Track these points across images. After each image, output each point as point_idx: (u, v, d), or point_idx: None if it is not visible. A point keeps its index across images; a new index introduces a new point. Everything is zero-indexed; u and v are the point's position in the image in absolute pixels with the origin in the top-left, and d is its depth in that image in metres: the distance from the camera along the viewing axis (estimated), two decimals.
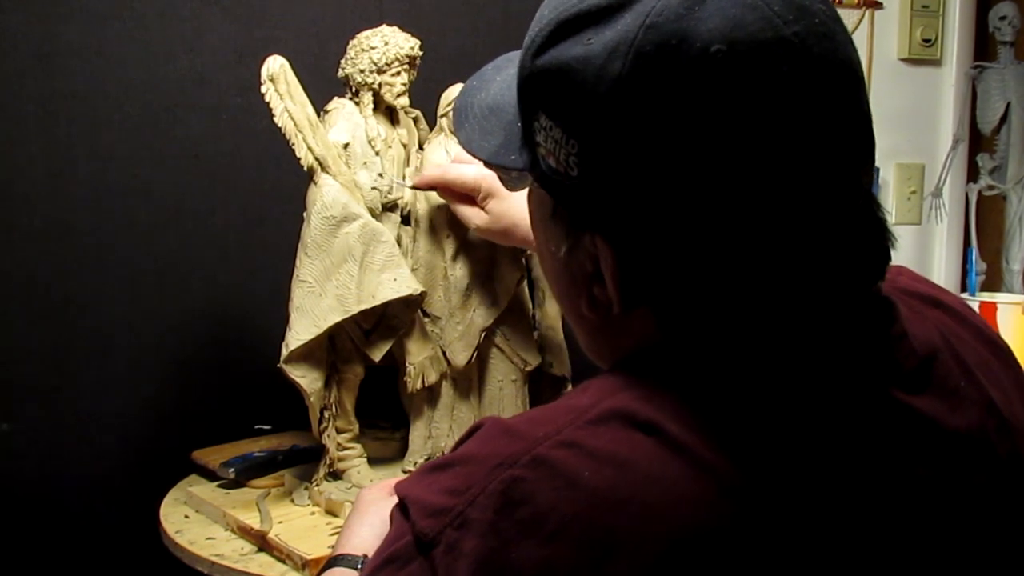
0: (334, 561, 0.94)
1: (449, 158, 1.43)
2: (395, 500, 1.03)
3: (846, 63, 0.57)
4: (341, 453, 1.42)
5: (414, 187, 1.37)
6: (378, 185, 1.32)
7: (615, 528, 0.52)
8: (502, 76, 0.72)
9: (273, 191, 1.67)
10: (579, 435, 0.55)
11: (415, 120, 1.50)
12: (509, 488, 0.53)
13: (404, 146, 1.45)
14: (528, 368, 1.49)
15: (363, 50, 1.38)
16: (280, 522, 1.31)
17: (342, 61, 1.41)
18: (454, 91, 1.45)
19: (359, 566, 0.93)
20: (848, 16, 2.24)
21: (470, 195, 1.29)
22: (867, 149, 0.59)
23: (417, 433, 1.48)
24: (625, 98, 0.55)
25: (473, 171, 1.26)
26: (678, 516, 0.52)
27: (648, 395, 0.57)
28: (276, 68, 1.28)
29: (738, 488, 0.53)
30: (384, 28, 1.41)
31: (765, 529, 0.53)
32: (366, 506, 1.02)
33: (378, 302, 1.32)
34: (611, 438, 0.55)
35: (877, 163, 0.93)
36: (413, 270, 1.40)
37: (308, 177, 1.33)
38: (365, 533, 0.97)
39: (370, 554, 0.94)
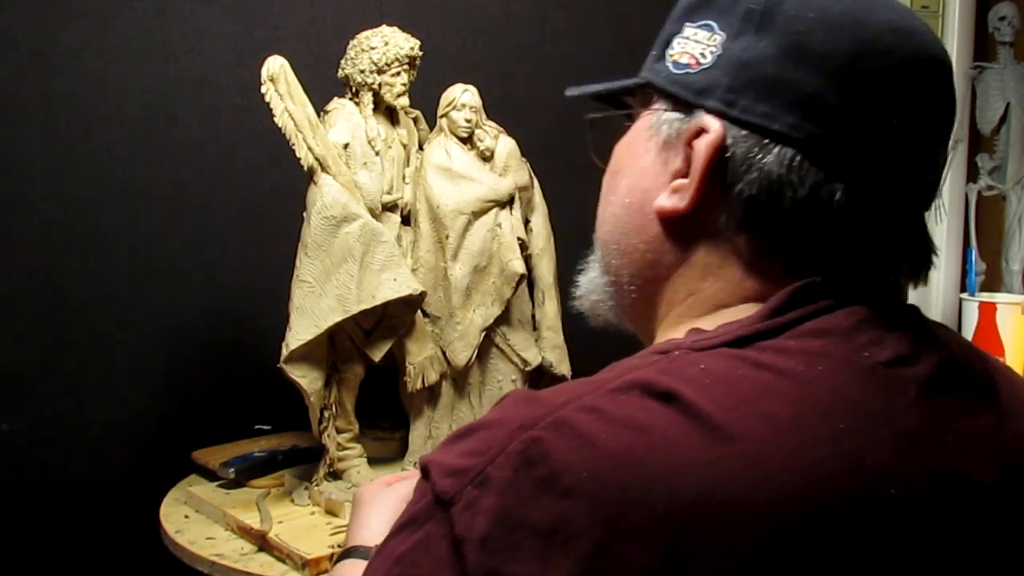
0: (347, 553, 0.94)
1: (449, 158, 1.43)
2: (395, 490, 1.04)
3: (940, 56, 0.66)
4: (341, 453, 1.42)
5: None
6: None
7: (627, 487, 0.53)
8: (586, 88, 0.82)
9: (273, 191, 1.67)
10: (600, 402, 0.57)
11: (415, 120, 1.50)
12: (528, 448, 0.55)
13: (404, 146, 1.45)
14: (528, 368, 1.49)
15: (363, 50, 1.38)
16: (280, 522, 1.31)
17: (342, 61, 1.41)
18: (454, 91, 1.45)
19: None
20: None
21: None
22: (950, 128, 0.67)
23: (417, 433, 1.48)
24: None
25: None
26: (691, 480, 0.53)
27: (671, 369, 0.59)
28: (276, 68, 1.28)
29: (756, 458, 0.54)
30: (384, 28, 1.41)
31: (779, 499, 0.54)
32: (370, 498, 1.02)
33: (378, 302, 1.32)
34: (630, 405, 0.56)
35: None
36: (413, 270, 1.40)
37: (308, 177, 1.33)
38: (375, 523, 0.98)
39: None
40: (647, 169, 0.69)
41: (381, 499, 1.00)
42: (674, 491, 0.53)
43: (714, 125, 0.64)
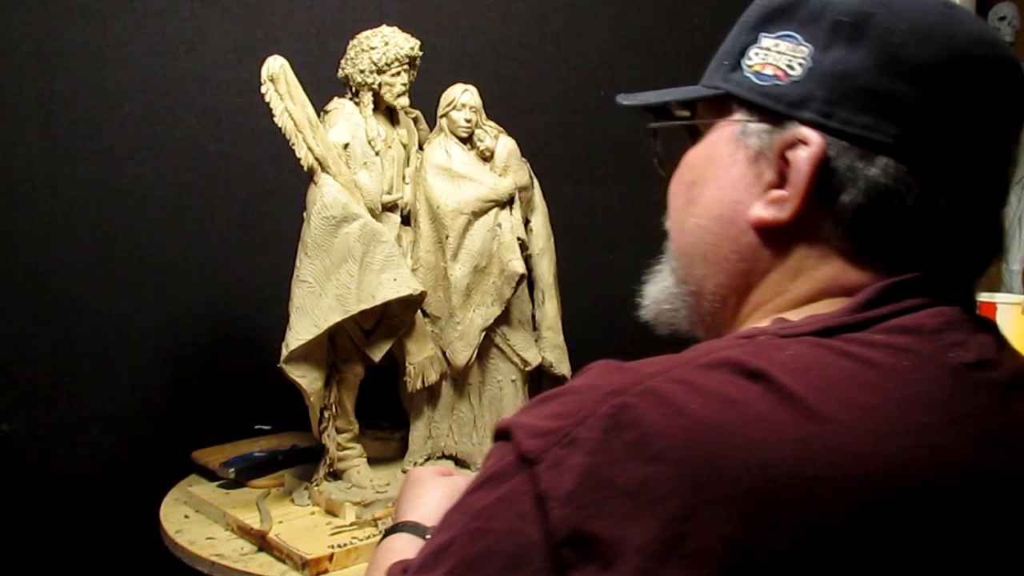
0: (399, 528, 0.95)
1: (449, 158, 1.43)
2: (454, 480, 1.04)
3: (1017, 62, 0.68)
4: (341, 453, 1.42)
5: None
6: None
7: (717, 456, 0.54)
8: (646, 95, 0.81)
9: (273, 191, 1.67)
10: (690, 375, 0.58)
11: (415, 120, 1.50)
12: (618, 412, 0.56)
13: (404, 146, 1.45)
14: (528, 368, 1.49)
15: (363, 50, 1.38)
16: (280, 522, 1.31)
17: (342, 61, 1.41)
18: (454, 91, 1.45)
19: (427, 536, 0.93)
20: None
21: None
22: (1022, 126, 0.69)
23: (417, 433, 1.48)
24: (865, 9, 0.65)
25: None
26: (781, 454, 0.55)
27: (758, 351, 0.60)
28: (276, 68, 1.28)
29: (844, 441, 0.56)
30: (384, 28, 1.41)
31: (864, 483, 0.55)
32: (428, 480, 1.03)
33: (378, 302, 1.32)
34: (720, 380, 0.58)
35: None
36: (413, 270, 1.40)
37: (308, 177, 1.33)
38: (431, 503, 0.99)
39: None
40: (736, 181, 0.69)
41: (440, 484, 1.01)
42: (764, 464, 0.54)
43: (813, 137, 0.64)
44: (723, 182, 0.70)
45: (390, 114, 1.44)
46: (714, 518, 0.53)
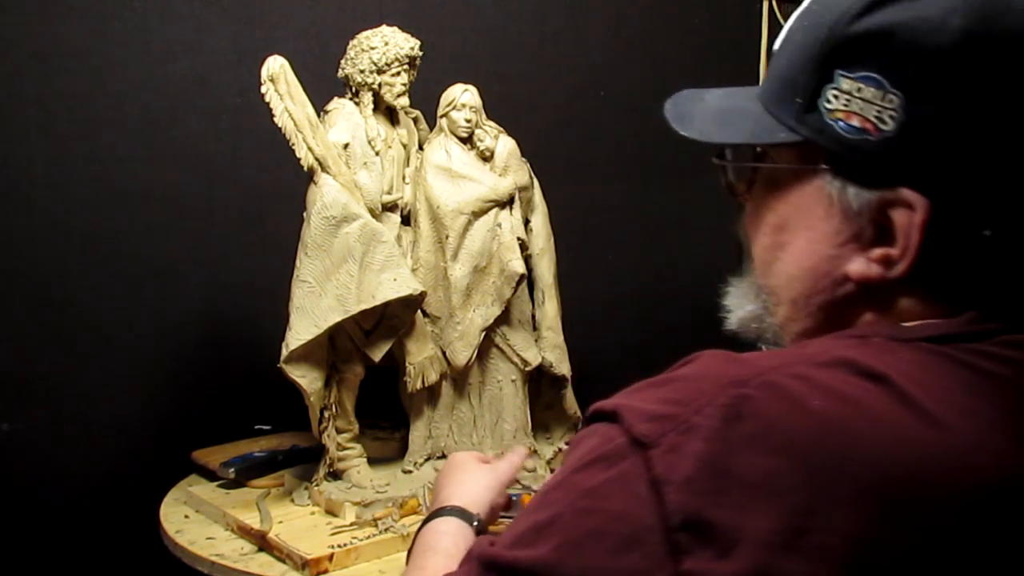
0: (448, 511, 0.94)
1: (449, 158, 1.43)
2: (496, 470, 1.04)
3: None
4: (341, 453, 1.42)
5: None
6: None
7: (838, 453, 0.55)
8: (711, 95, 0.78)
9: (273, 191, 1.67)
10: (810, 372, 0.59)
11: (415, 120, 1.50)
12: (738, 403, 0.57)
13: (404, 146, 1.45)
14: (528, 368, 1.49)
15: (363, 50, 1.38)
16: (280, 522, 1.31)
17: (342, 61, 1.41)
18: (454, 91, 1.45)
19: (475, 523, 0.94)
20: None
21: None
22: None
23: (417, 433, 1.48)
24: (963, 50, 0.60)
25: None
26: (903, 457, 0.56)
27: (874, 353, 0.61)
28: (276, 68, 1.28)
29: (964, 450, 0.57)
30: (384, 28, 1.41)
31: (984, 493, 0.56)
32: (471, 467, 1.04)
33: (378, 302, 1.32)
34: (841, 379, 0.58)
35: None
36: (413, 270, 1.40)
37: (308, 177, 1.33)
38: (472, 488, 0.99)
39: (483, 515, 0.97)
40: (830, 236, 0.68)
41: (484, 472, 1.03)
42: (886, 465, 0.55)
43: (918, 202, 0.63)
44: (815, 234, 0.69)
45: (390, 114, 1.44)
46: (836, 515, 0.54)
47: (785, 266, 0.72)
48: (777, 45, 0.73)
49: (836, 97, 0.65)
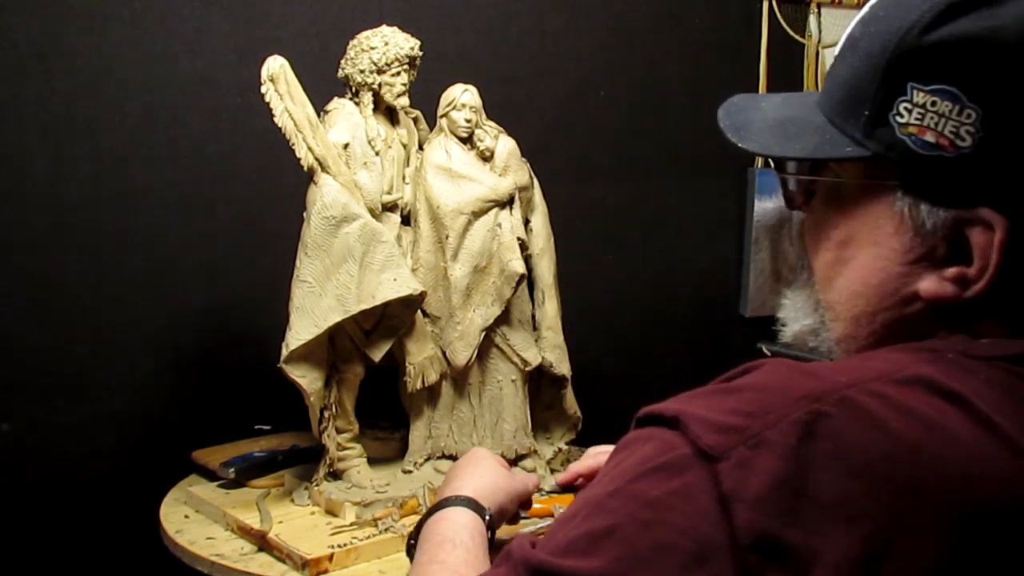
0: (457, 500, 0.93)
1: (449, 158, 1.43)
2: (510, 475, 1.03)
3: None
4: (341, 453, 1.42)
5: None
6: None
7: (919, 478, 0.53)
8: (768, 103, 0.75)
9: (273, 191, 1.67)
10: (887, 389, 0.57)
11: (415, 120, 1.50)
12: (814, 420, 0.55)
13: (404, 146, 1.45)
14: (528, 368, 1.49)
15: (363, 50, 1.38)
16: (280, 522, 1.31)
17: (342, 61, 1.41)
18: (454, 91, 1.45)
19: (487, 517, 0.92)
20: (848, 16, 2.24)
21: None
22: None
23: (417, 433, 1.48)
24: None
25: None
26: (986, 487, 0.54)
27: (950, 371, 0.59)
28: (276, 68, 1.28)
29: None
30: (384, 28, 1.41)
31: None
32: (491, 460, 1.03)
33: (378, 302, 1.32)
34: (918, 399, 0.56)
35: None
36: (413, 270, 1.40)
37: (308, 177, 1.33)
38: (488, 483, 0.97)
39: (494, 510, 0.95)
40: (899, 252, 0.66)
41: (503, 473, 1.01)
42: (968, 495, 0.54)
43: (998, 221, 0.61)
44: (883, 251, 0.66)
45: (390, 114, 1.44)
46: (915, 543, 0.53)
47: (848, 282, 0.69)
48: (837, 51, 0.70)
49: (908, 111, 0.62)
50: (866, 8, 0.68)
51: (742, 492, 0.54)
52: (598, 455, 1.24)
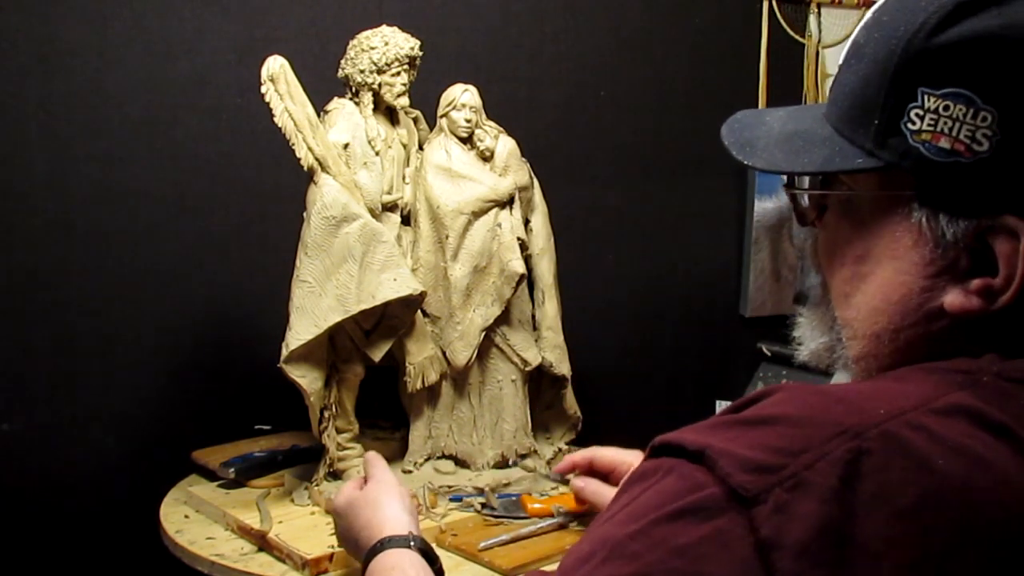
0: (385, 544, 0.92)
1: (449, 158, 1.43)
2: (386, 488, 1.01)
3: None
4: (341, 453, 1.42)
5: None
6: None
7: (969, 519, 0.51)
8: (772, 116, 0.73)
9: (273, 191, 1.67)
10: (928, 421, 0.54)
11: (415, 120, 1.50)
12: (856, 458, 0.52)
13: (404, 146, 1.45)
14: (528, 368, 1.49)
15: (363, 50, 1.38)
16: (280, 522, 1.31)
17: (342, 61, 1.41)
18: (454, 91, 1.45)
19: (411, 543, 0.92)
20: (848, 16, 2.24)
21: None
22: None
23: (417, 433, 1.48)
24: None
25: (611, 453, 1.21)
26: None
27: (991, 398, 0.57)
28: (276, 68, 1.28)
29: None
30: (384, 28, 1.41)
31: None
32: (361, 500, 1.02)
33: (378, 302, 1.32)
34: (961, 432, 0.54)
35: None
36: (413, 270, 1.40)
37: (308, 177, 1.33)
38: (394, 513, 0.97)
39: (414, 531, 0.95)
40: (919, 266, 0.63)
41: (386, 494, 1.00)
42: (1020, 537, 0.51)
43: (1021, 227, 0.58)
44: (903, 265, 0.64)
45: (390, 114, 1.44)
46: None
47: (867, 299, 0.67)
48: (842, 59, 0.67)
49: (920, 117, 0.60)
50: (870, 13, 0.66)
51: (782, 540, 0.50)
52: (595, 449, 1.24)
